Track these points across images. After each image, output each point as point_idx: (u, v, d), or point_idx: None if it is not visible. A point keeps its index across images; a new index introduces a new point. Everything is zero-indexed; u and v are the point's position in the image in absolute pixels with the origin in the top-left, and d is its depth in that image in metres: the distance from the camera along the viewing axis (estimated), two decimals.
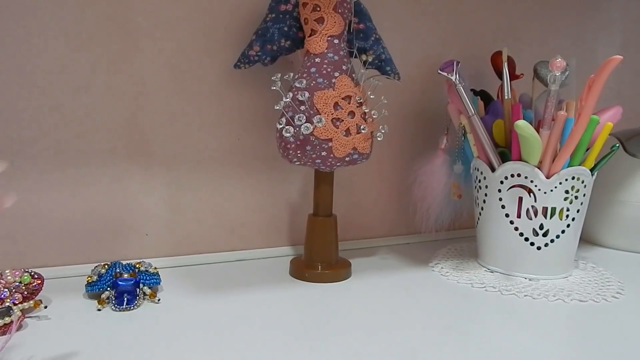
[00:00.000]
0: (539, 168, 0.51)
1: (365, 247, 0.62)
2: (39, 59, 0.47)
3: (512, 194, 0.52)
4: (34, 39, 0.46)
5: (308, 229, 0.52)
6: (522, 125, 0.49)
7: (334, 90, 0.46)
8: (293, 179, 0.59)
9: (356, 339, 0.39)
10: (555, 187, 0.51)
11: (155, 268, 0.47)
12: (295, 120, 0.46)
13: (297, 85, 0.47)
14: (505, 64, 0.56)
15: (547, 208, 0.52)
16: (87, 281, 0.44)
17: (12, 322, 0.37)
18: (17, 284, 0.40)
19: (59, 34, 0.47)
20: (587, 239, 0.67)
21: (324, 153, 0.47)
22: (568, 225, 0.52)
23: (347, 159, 0.48)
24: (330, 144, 0.46)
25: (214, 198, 0.55)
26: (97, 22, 0.48)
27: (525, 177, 0.51)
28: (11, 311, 0.38)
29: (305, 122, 0.46)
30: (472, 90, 0.60)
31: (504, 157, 0.54)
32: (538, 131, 0.51)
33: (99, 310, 0.42)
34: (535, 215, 0.52)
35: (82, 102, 0.49)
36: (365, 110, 0.48)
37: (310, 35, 0.48)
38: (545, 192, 0.51)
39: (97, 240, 0.51)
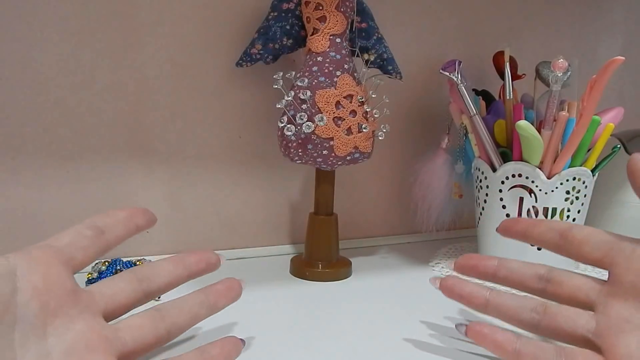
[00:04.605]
0: (540, 168, 0.51)
1: (365, 246, 0.62)
2: (40, 54, 0.47)
3: (513, 194, 0.52)
4: (36, 34, 0.46)
5: (309, 227, 0.52)
6: (524, 126, 0.49)
7: (335, 89, 0.46)
8: (294, 177, 0.59)
9: (356, 338, 0.39)
10: (556, 188, 0.51)
11: None
12: (297, 119, 0.46)
13: (299, 83, 0.47)
14: (507, 64, 0.56)
15: (547, 208, 0.52)
16: (88, 278, 0.44)
17: None
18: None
19: (61, 29, 0.47)
20: None
21: (325, 152, 0.47)
22: None
23: (348, 158, 0.48)
24: (331, 143, 0.46)
25: (215, 195, 0.55)
26: (99, 17, 0.48)
27: (527, 178, 0.51)
28: None
29: (306, 121, 0.46)
30: (473, 90, 0.60)
31: (505, 157, 0.54)
32: (539, 131, 0.50)
33: None
34: (536, 215, 0.52)
35: (84, 98, 0.49)
36: (367, 109, 0.48)
37: (312, 34, 0.48)
38: (546, 193, 0.51)
39: None
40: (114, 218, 0.32)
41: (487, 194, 0.55)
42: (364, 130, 0.48)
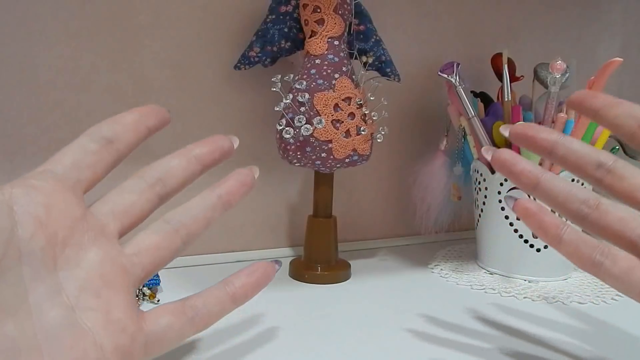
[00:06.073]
0: None
1: (364, 249, 0.62)
2: (39, 57, 0.47)
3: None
4: (34, 37, 0.46)
5: (307, 230, 0.52)
6: None
7: (334, 91, 0.46)
8: (293, 180, 0.59)
9: (355, 340, 0.39)
10: None
11: None
12: (295, 122, 0.46)
13: (297, 86, 0.47)
14: (506, 65, 0.56)
15: None
16: None
17: None
18: None
19: (60, 32, 0.47)
20: None
21: (323, 154, 0.47)
22: None
23: (346, 160, 0.48)
24: (330, 146, 0.46)
25: None
26: (98, 20, 0.48)
27: None
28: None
29: (305, 124, 0.46)
30: (472, 92, 0.60)
31: None
32: None
33: None
34: None
35: (83, 100, 0.49)
36: (365, 112, 0.48)
37: (310, 37, 0.48)
38: None
39: None
40: (122, 122, 0.30)
41: (485, 196, 0.55)
42: (362, 132, 0.48)
